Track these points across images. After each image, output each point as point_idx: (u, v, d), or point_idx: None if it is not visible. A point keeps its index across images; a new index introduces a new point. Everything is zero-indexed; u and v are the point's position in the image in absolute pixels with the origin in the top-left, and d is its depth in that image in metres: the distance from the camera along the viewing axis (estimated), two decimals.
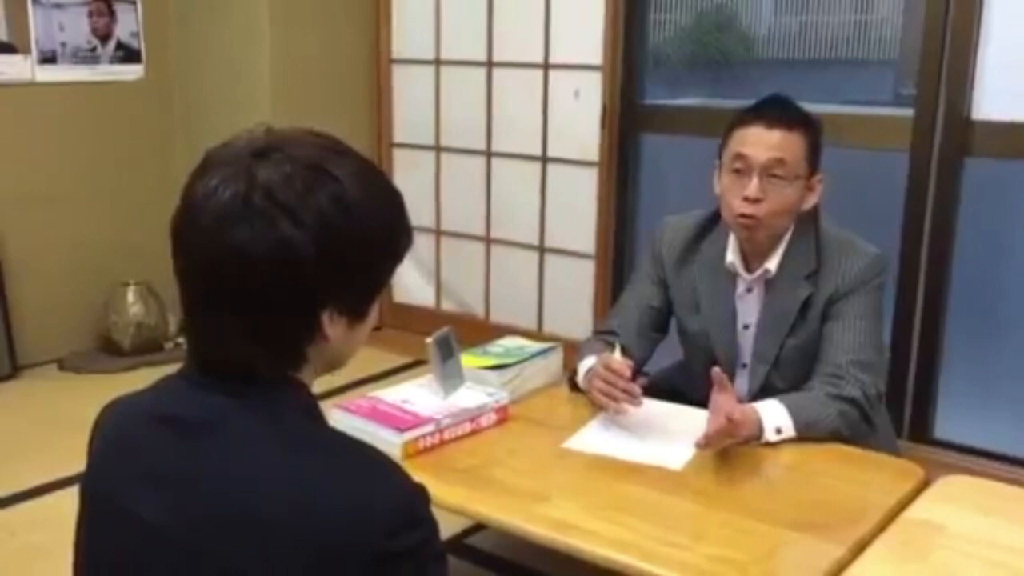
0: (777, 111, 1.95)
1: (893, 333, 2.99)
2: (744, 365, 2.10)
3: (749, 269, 2.05)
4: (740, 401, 1.96)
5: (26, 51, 3.60)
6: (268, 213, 0.91)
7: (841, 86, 3.38)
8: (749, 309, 2.08)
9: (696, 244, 2.12)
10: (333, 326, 0.97)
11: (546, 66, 3.64)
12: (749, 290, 2.07)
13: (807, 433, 1.84)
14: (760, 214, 1.93)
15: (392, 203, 1.01)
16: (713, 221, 2.11)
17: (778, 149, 1.92)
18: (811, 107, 2.01)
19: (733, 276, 2.07)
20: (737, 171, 1.94)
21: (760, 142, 1.92)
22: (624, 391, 1.87)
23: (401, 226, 1.02)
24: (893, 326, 2.99)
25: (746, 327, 2.08)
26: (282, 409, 0.97)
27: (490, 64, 3.79)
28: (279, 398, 0.97)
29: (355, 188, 0.95)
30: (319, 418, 1.00)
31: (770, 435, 1.82)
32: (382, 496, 0.92)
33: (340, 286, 0.96)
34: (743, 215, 1.94)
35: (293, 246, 0.91)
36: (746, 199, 1.92)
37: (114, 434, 1.03)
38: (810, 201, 1.99)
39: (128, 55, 3.88)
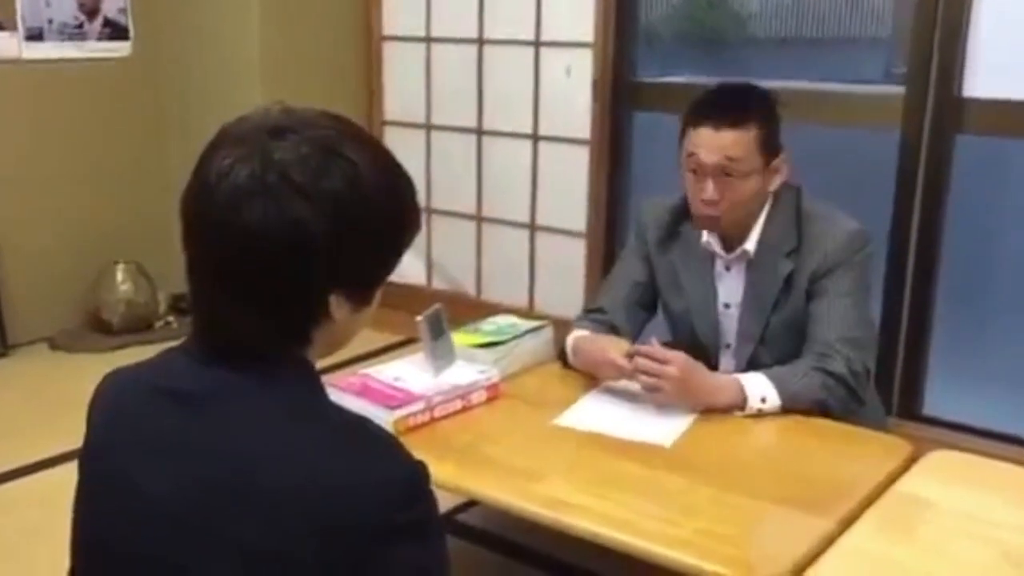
0: (725, 109, 1.95)
1: (883, 310, 3.00)
2: (728, 345, 2.10)
3: (729, 249, 2.06)
4: None
5: (12, 28, 3.56)
6: (282, 193, 0.91)
7: (833, 64, 3.37)
8: (729, 289, 2.08)
9: (676, 225, 2.13)
10: (339, 308, 0.97)
11: (537, 43, 3.62)
12: (728, 268, 2.07)
13: (793, 404, 1.85)
14: (718, 213, 1.97)
15: (404, 188, 1.01)
16: None
17: (728, 148, 1.92)
18: (802, 85, 2.00)
19: (712, 256, 2.08)
20: (693, 171, 1.97)
21: (710, 144, 1.93)
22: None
23: (412, 211, 1.03)
24: (883, 303, 3.00)
25: (727, 306, 2.09)
26: (285, 384, 0.97)
27: (481, 41, 3.77)
28: (282, 373, 0.97)
29: (369, 172, 0.95)
30: (321, 393, 1.01)
31: (754, 403, 1.83)
32: (383, 471, 0.92)
33: (350, 268, 0.96)
34: (703, 215, 1.98)
35: (306, 227, 0.91)
36: (703, 202, 1.96)
37: (114, 405, 1.03)
38: (775, 182, 2.00)
39: (116, 32, 3.85)
